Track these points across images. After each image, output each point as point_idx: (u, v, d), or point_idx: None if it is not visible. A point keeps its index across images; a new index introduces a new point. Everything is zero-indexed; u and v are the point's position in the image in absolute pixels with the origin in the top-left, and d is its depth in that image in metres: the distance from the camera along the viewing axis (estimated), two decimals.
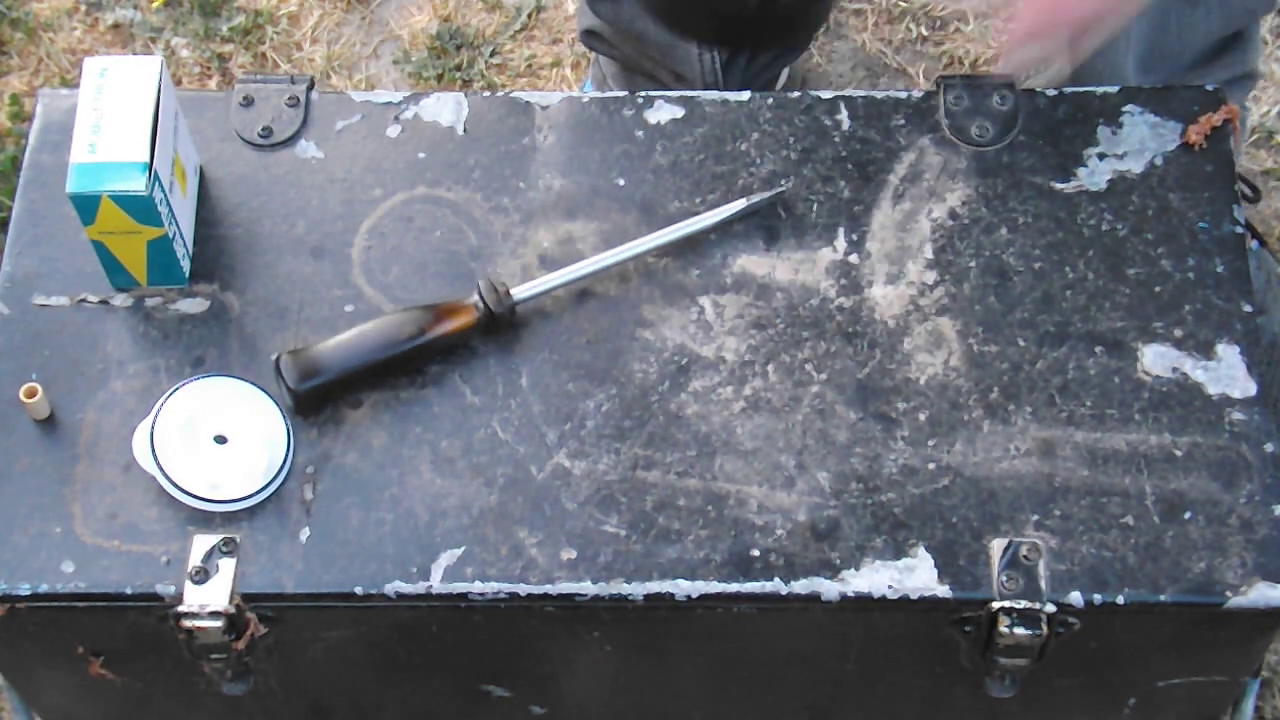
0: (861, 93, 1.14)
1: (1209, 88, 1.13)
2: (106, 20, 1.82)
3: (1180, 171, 1.10)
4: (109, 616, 0.99)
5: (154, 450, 0.99)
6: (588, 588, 0.98)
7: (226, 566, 0.98)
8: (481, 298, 1.03)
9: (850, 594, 0.97)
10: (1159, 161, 1.10)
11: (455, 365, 1.04)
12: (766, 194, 1.09)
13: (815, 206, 1.10)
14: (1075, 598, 0.97)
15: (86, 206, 1.00)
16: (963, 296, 1.06)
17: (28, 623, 1.00)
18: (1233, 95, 1.24)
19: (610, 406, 1.03)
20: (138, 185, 0.99)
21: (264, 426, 1.01)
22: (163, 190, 1.01)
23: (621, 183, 1.11)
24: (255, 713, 1.11)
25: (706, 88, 1.44)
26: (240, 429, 1.01)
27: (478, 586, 0.98)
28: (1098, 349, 1.04)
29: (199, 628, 0.97)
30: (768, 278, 1.07)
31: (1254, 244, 1.43)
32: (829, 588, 0.97)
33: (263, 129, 1.13)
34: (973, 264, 1.07)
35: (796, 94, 1.14)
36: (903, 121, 1.12)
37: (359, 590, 0.98)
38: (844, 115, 1.13)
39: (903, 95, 1.14)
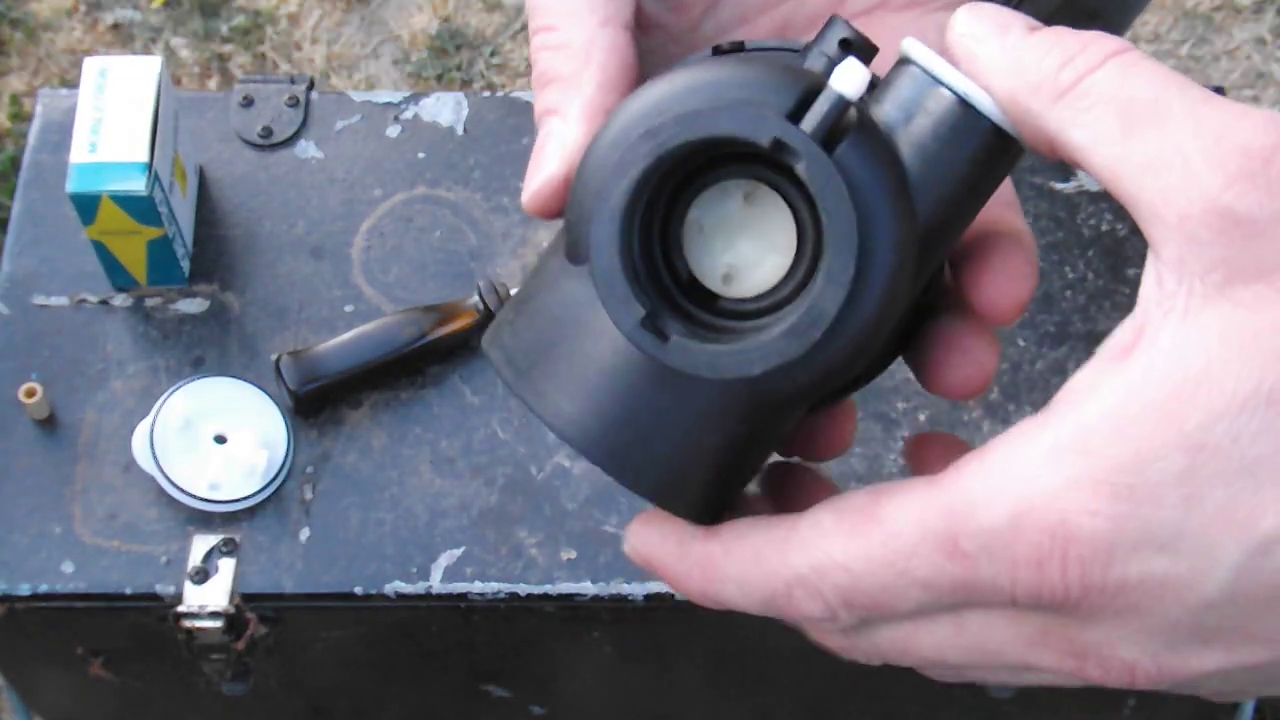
0: None
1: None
2: (106, 20, 1.82)
3: None
4: (109, 616, 0.99)
5: (154, 450, 0.99)
6: (588, 588, 0.98)
7: (226, 566, 0.98)
8: (481, 298, 1.03)
9: None
10: None
11: (455, 365, 1.04)
12: None
13: None
14: None
15: (86, 206, 1.00)
16: None
17: (28, 623, 1.00)
18: None
19: None
20: (138, 185, 0.99)
21: (264, 426, 1.01)
22: (163, 190, 1.01)
23: None
24: (255, 713, 1.11)
25: None
26: (240, 429, 1.01)
27: (477, 586, 0.98)
28: (1098, 349, 1.04)
29: (199, 628, 0.97)
30: None
31: None
32: None
33: (263, 129, 1.13)
34: None
35: None
36: None
37: (359, 590, 0.98)
38: None
39: None
